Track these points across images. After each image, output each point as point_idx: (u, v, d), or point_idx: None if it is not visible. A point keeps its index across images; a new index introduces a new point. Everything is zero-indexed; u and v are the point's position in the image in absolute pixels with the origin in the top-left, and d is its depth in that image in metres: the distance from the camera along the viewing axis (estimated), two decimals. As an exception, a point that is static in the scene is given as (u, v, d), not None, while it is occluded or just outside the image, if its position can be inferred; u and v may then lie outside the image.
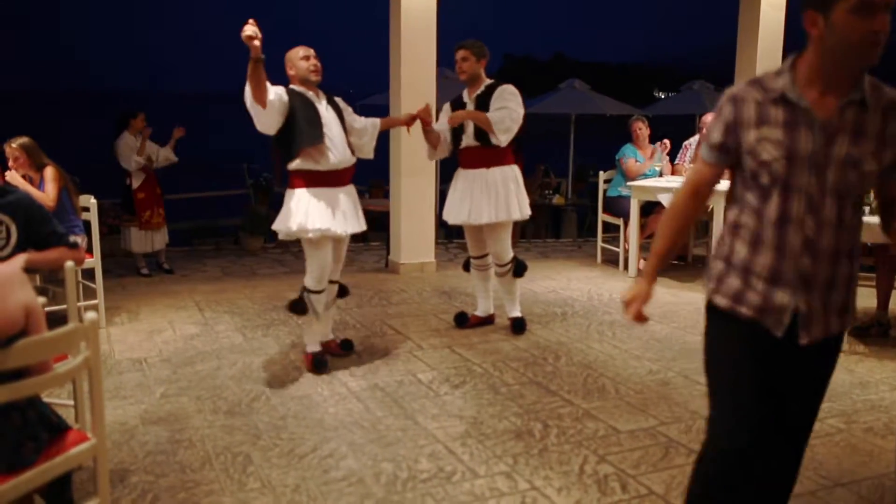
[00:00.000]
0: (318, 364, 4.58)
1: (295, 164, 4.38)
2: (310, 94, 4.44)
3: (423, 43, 7.19)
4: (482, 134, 5.02)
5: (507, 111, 4.97)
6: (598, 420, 3.85)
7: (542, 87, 5.08)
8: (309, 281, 4.53)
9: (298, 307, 4.55)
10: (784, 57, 8.40)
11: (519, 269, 5.29)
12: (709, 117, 7.50)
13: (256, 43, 3.93)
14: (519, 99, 5.05)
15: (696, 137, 7.63)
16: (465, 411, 3.96)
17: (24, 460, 2.27)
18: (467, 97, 5.17)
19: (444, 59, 8.39)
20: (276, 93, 4.23)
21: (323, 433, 3.69)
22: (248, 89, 4.13)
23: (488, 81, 5.14)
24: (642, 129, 7.59)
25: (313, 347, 4.66)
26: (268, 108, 4.18)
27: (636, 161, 7.51)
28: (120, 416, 3.87)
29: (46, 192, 5.32)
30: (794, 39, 8.96)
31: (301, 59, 4.44)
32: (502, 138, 5.00)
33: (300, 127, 4.31)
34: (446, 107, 5.31)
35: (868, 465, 3.39)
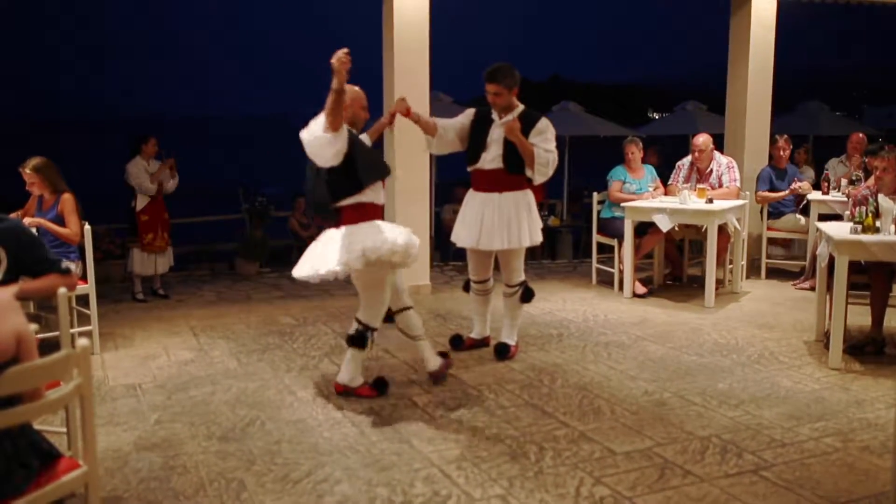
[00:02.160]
0: (381, 386, 4.57)
1: (357, 198, 4.30)
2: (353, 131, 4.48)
3: (416, 66, 7.23)
4: (510, 159, 5.00)
5: (553, 156, 5.00)
6: (593, 442, 3.83)
7: (537, 109, 5.14)
8: (368, 316, 4.48)
9: (358, 341, 4.49)
10: (775, 77, 8.41)
11: (526, 295, 5.29)
12: (700, 138, 7.54)
13: (344, 74, 3.97)
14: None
15: (689, 158, 7.65)
16: (460, 434, 3.94)
17: (15, 488, 2.25)
18: (496, 116, 5.09)
19: (438, 83, 8.44)
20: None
21: (317, 458, 3.67)
22: (320, 120, 4.10)
23: (520, 107, 5.10)
24: (635, 153, 7.62)
25: (360, 380, 4.57)
26: (339, 132, 4.12)
27: (622, 184, 7.55)
28: (113, 443, 3.85)
29: (69, 227, 5.33)
30: (784, 59, 9.04)
31: (363, 108, 4.48)
32: (538, 178, 5.04)
33: (370, 161, 4.35)
34: (470, 110, 5.25)
35: (864, 484, 3.38)
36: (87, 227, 5.48)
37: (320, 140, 4.14)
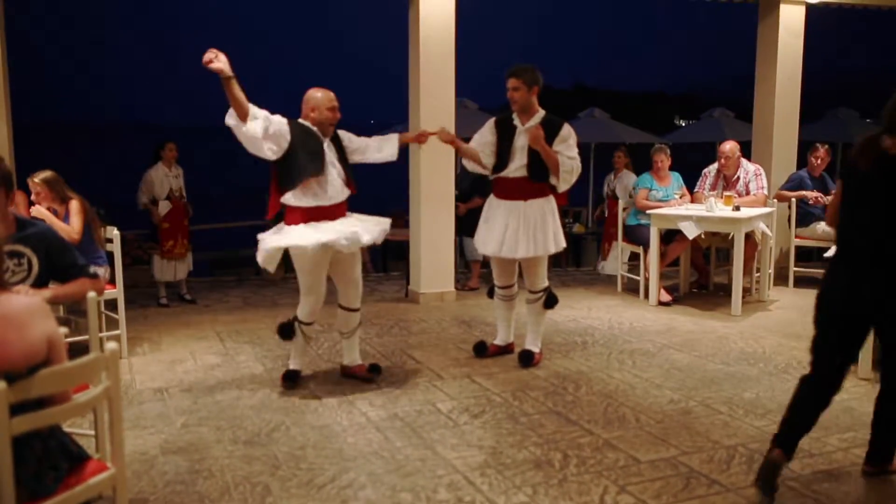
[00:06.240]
0: (288, 378, 4.85)
1: (292, 198, 4.55)
2: (315, 129, 4.59)
3: (442, 73, 7.25)
4: (534, 168, 5.01)
5: (576, 163, 5.05)
6: (618, 450, 3.81)
7: (562, 116, 5.12)
8: (301, 312, 4.79)
9: (285, 332, 4.86)
10: (804, 83, 8.28)
11: (550, 301, 5.29)
12: (727, 145, 7.49)
13: (217, 65, 4.15)
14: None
15: (715, 165, 7.60)
16: (484, 441, 3.94)
17: (44, 489, 2.28)
18: (518, 122, 5.11)
19: (464, 90, 8.46)
20: (271, 122, 4.37)
21: (342, 463, 3.68)
22: (230, 112, 4.27)
23: (541, 112, 5.11)
24: (663, 161, 7.59)
25: (294, 365, 4.91)
26: (248, 125, 4.29)
27: (648, 192, 7.52)
28: (140, 446, 3.89)
29: (71, 224, 5.40)
30: (811, 67, 8.95)
31: (328, 109, 4.60)
32: (563, 186, 5.07)
33: (302, 158, 4.47)
34: (490, 123, 5.25)
35: (894, 498, 3.33)
36: (116, 232, 5.54)
37: (238, 133, 4.32)
